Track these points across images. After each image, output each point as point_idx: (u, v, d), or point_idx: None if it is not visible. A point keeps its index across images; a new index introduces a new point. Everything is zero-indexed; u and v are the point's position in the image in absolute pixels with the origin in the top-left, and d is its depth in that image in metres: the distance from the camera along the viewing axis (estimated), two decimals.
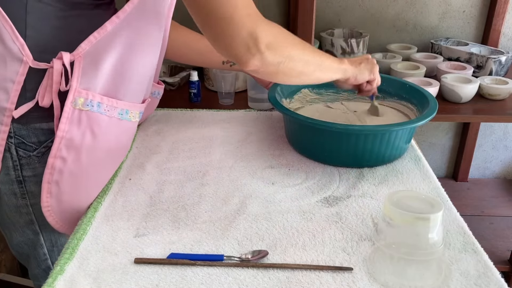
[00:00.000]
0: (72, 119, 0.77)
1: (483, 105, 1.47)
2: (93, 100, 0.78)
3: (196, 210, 0.82)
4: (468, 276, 0.66)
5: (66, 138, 0.78)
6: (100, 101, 0.79)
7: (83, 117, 0.78)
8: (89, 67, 0.77)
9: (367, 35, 1.70)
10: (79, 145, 0.79)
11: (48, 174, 0.79)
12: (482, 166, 2.08)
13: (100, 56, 0.76)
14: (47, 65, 0.76)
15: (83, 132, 0.79)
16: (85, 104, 0.77)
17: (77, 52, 0.76)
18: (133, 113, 0.86)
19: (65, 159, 0.79)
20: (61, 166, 0.79)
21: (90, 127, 0.79)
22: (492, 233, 1.75)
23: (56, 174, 0.79)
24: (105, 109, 0.80)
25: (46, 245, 0.91)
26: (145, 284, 0.66)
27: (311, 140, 0.95)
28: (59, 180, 0.80)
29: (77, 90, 0.76)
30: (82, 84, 0.77)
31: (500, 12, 1.71)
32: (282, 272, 0.68)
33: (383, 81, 1.10)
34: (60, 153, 0.78)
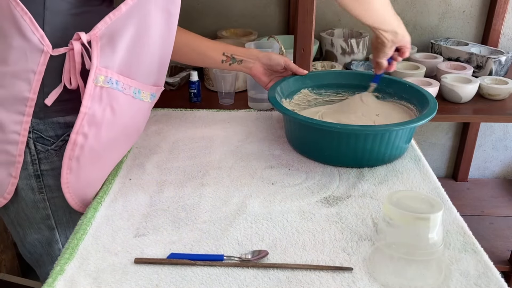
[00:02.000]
0: (94, 96, 0.80)
1: (483, 105, 1.47)
2: (112, 78, 0.81)
3: (196, 210, 0.82)
4: (468, 276, 0.66)
5: (89, 114, 0.81)
6: (118, 79, 0.82)
7: (104, 93, 0.81)
8: (106, 46, 0.80)
9: (367, 35, 1.70)
10: (100, 121, 0.82)
11: (70, 150, 0.82)
12: (482, 166, 2.08)
13: (115, 37, 0.80)
14: (67, 48, 0.79)
15: (104, 108, 0.82)
16: (105, 81, 0.80)
17: (94, 33, 0.78)
18: (144, 93, 0.89)
19: (86, 135, 0.82)
20: (83, 142, 0.82)
21: (110, 104, 0.83)
22: (492, 233, 1.75)
23: (77, 149, 0.82)
24: (122, 87, 0.83)
25: (61, 240, 0.93)
26: (145, 284, 0.66)
27: (311, 140, 0.95)
28: (80, 155, 0.83)
29: (98, 68, 0.79)
30: (102, 62, 0.80)
31: (500, 12, 1.71)
32: (282, 272, 0.68)
33: (383, 81, 1.10)
34: (82, 129, 0.81)
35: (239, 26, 1.83)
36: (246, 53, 1.08)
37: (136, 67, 0.85)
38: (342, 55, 1.68)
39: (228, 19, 1.84)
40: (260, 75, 1.09)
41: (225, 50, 1.07)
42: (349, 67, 1.60)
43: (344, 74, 1.16)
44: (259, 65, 1.08)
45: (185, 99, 1.46)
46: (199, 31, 1.06)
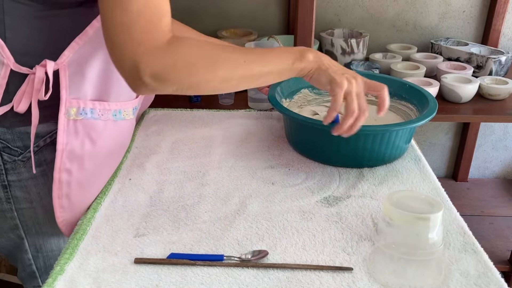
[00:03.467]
0: (68, 130, 0.77)
1: (483, 105, 1.47)
2: (85, 107, 0.77)
3: (196, 210, 0.82)
4: (468, 276, 0.66)
5: (67, 150, 0.77)
6: (92, 107, 0.78)
7: (79, 126, 0.78)
8: (75, 75, 0.75)
9: (367, 35, 1.70)
10: (80, 154, 0.79)
11: (57, 189, 0.79)
12: (482, 166, 2.08)
13: (85, 62, 0.75)
14: (29, 70, 0.74)
15: (82, 140, 0.79)
16: (78, 113, 0.77)
17: (61, 61, 0.74)
18: (126, 111, 0.86)
19: (70, 171, 0.79)
20: (68, 178, 0.79)
21: (88, 134, 0.79)
22: (492, 233, 1.75)
23: (64, 187, 0.79)
24: (99, 114, 0.80)
25: (31, 250, 0.89)
26: (145, 284, 0.66)
27: (311, 140, 0.95)
28: (69, 192, 0.80)
29: (68, 101, 0.75)
30: (72, 93, 0.76)
31: (500, 12, 1.71)
32: (282, 272, 0.68)
33: (383, 81, 1.10)
34: (64, 166, 0.78)
35: (239, 26, 1.83)
36: None
37: (112, 88, 0.81)
38: (342, 55, 1.68)
39: (228, 19, 1.84)
40: None
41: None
42: (349, 67, 1.60)
43: None
44: None
45: (185, 99, 1.45)
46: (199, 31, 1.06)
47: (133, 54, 0.62)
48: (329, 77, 0.78)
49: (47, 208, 0.84)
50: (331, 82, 0.77)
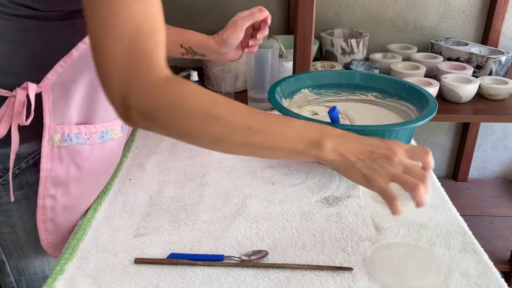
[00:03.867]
0: (52, 157, 0.74)
1: (483, 105, 1.47)
2: (70, 133, 0.74)
3: (196, 210, 0.82)
4: (468, 276, 0.66)
5: (51, 176, 0.75)
6: (78, 131, 0.75)
7: (63, 152, 0.74)
8: (59, 99, 0.72)
9: (367, 35, 1.70)
10: (65, 180, 0.76)
11: (41, 214, 0.77)
12: (482, 166, 2.08)
13: (70, 85, 0.71)
14: (9, 93, 0.70)
15: (67, 167, 0.76)
16: (62, 140, 0.74)
17: (44, 84, 0.70)
18: (114, 131, 0.82)
19: (54, 196, 0.76)
20: (53, 203, 0.77)
21: (73, 161, 0.76)
22: (492, 233, 1.75)
23: (49, 212, 0.77)
24: (85, 139, 0.76)
25: (13, 273, 0.87)
26: (145, 284, 0.66)
27: None
28: (54, 217, 0.78)
29: (51, 127, 0.72)
30: (56, 119, 0.72)
31: (500, 12, 1.71)
32: (282, 272, 0.68)
33: (383, 81, 1.10)
34: (48, 192, 0.75)
35: None
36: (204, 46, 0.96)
37: (98, 110, 0.77)
38: (342, 55, 1.68)
39: (228, 18, 1.83)
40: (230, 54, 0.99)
41: (182, 42, 0.95)
42: (349, 67, 1.60)
43: (344, 74, 1.16)
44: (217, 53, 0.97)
45: None
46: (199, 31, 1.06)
47: (123, 88, 0.56)
48: (361, 175, 0.60)
49: (30, 231, 0.81)
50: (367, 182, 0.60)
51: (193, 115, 0.57)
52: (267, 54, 1.22)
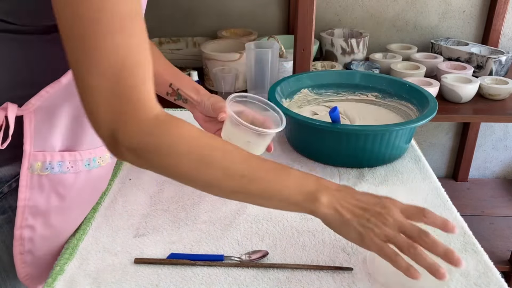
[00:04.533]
0: (32, 186, 0.68)
1: (483, 105, 1.47)
2: (52, 161, 0.68)
3: (196, 210, 0.82)
4: (468, 276, 0.66)
5: (29, 206, 0.68)
6: (61, 159, 0.69)
7: (44, 181, 0.68)
8: (42, 125, 0.65)
9: (367, 35, 1.70)
10: (45, 209, 0.70)
11: (19, 245, 0.71)
12: (482, 166, 2.08)
13: (55, 111, 0.65)
14: None
15: (47, 196, 0.69)
16: (43, 168, 0.67)
17: (27, 107, 0.63)
18: (102, 157, 0.75)
19: (33, 227, 0.70)
20: (31, 234, 0.71)
21: (55, 190, 0.70)
22: (492, 233, 1.75)
23: (27, 244, 0.71)
24: (68, 167, 0.70)
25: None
26: (145, 284, 0.66)
27: (311, 140, 0.95)
28: (32, 248, 0.72)
29: (32, 154, 0.66)
30: (37, 146, 0.66)
31: (500, 12, 1.71)
32: (282, 272, 0.68)
33: (383, 81, 1.10)
34: (26, 222, 0.69)
35: (239, 26, 1.83)
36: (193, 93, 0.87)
37: (85, 136, 0.70)
38: (342, 55, 1.68)
39: (228, 19, 1.84)
40: (201, 122, 0.90)
41: (173, 81, 0.88)
42: (349, 67, 1.60)
43: (344, 74, 1.16)
44: (199, 111, 0.89)
45: None
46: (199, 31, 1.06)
47: (111, 125, 0.53)
48: (356, 233, 0.59)
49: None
50: (362, 241, 0.59)
51: (186, 158, 0.56)
52: (267, 54, 1.22)
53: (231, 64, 1.46)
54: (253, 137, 0.79)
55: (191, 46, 1.79)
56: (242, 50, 1.47)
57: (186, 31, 1.84)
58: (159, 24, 1.82)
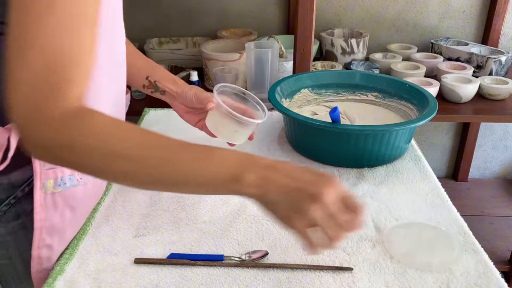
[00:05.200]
0: (46, 205, 0.69)
1: (483, 105, 1.47)
2: (63, 177, 0.69)
3: (196, 210, 0.82)
4: (468, 276, 0.66)
5: (47, 226, 0.70)
6: (71, 173, 0.70)
7: (58, 198, 0.70)
8: None
9: (367, 35, 1.70)
10: (61, 227, 0.72)
11: (36, 264, 0.72)
12: (482, 166, 2.08)
13: None
14: None
15: (62, 212, 0.71)
16: (56, 185, 0.69)
17: None
18: None
19: (50, 246, 0.72)
20: (49, 253, 0.72)
21: (68, 205, 0.72)
22: (492, 233, 1.75)
23: (45, 263, 0.72)
24: (78, 180, 0.72)
25: None
26: (145, 284, 0.66)
27: (311, 140, 0.95)
28: (49, 266, 0.73)
29: (43, 173, 0.67)
30: (47, 164, 0.67)
31: (500, 12, 1.71)
32: (282, 272, 0.68)
33: (383, 81, 1.10)
34: (44, 242, 0.71)
35: (239, 26, 1.83)
36: (171, 84, 0.88)
37: None
38: (342, 55, 1.68)
39: (228, 19, 1.84)
40: (181, 113, 0.90)
41: (150, 74, 0.88)
42: (349, 67, 1.60)
43: (344, 74, 1.16)
44: (179, 102, 0.89)
45: None
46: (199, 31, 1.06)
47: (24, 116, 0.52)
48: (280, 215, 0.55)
49: (28, 260, 0.75)
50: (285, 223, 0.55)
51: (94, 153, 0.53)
52: (267, 54, 1.22)
53: (231, 64, 1.46)
54: (240, 126, 0.80)
55: (191, 46, 1.79)
56: (242, 50, 1.47)
57: (186, 31, 1.84)
58: (159, 24, 1.82)
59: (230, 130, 0.80)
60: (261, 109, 0.85)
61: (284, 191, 0.54)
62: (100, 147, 0.53)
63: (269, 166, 0.55)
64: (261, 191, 0.54)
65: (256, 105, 0.86)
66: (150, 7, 1.81)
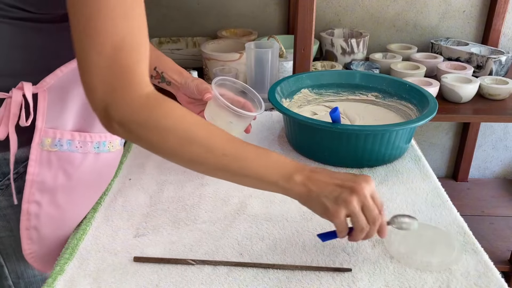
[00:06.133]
0: (41, 161, 0.71)
1: (483, 105, 1.47)
2: (61, 139, 0.72)
3: (196, 210, 0.82)
4: (468, 276, 0.66)
5: (37, 181, 0.72)
6: (71, 138, 0.73)
7: (53, 158, 0.72)
8: (55, 102, 0.70)
9: (367, 35, 1.70)
10: (52, 187, 0.73)
11: (25, 220, 0.74)
12: (482, 166, 2.08)
13: (68, 90, 0.70)
14: (5, 94, 0.68)
15: (55, 173, 0.73)
16: (53, 144, 0.71)
17: (41, 86, 0.68)
18: (112, 143, 0.79)
19: (39, 203, 0.73)
20: (37, 210, 0.74)
21: (62, 168, 0.73)
22: (492, 233, 1.75)
23: (33, 219, 0.74)
24: (77, 146, 0.74)
25: (11, 277, 0.85)
26: (145, 284, 0.66)
27: (311, 140, 0.95)
28: (37, 224, 0.75)
29: (43, 130, 0.70)
30: (49, 122, 0.70)
31: (500, 12, 1.71)
32: (282, 272, 0.68)
33: (383, 81, 1.10)
34: (33, 197, 0.72)
35: (239, 26, 1.83)
36: (176, 76, 0.92)
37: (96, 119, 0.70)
38: (342, 55, 1.68)
39: (228, 19, 1.84)
40: (184, 103, 0.94)
41: (157, 65, 0.92)
42: (349, 67, 1.60)
43: (344, 74, 1.16)
44: (182, 93, 0.93)
45: None
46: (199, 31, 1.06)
47: (104, 101, 0.58)
48: (322, 206, 0.63)
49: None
50: (325, 212, 0.63)
51: (172, 134, 0.60)
52: (267, 54, 1.22)
53: (231, 64, 1.46)
54: (235, 118, 0.83)
55: (191, 46, 1.79)
56: (242, 50, 1.47)
57: (186, 31, 1.84)
58: (159, 24, 1.82)
59: (225, 121, 0.83)
60: (258, 103, 0.88)
61: (326, 188, 0.62)
62: (175, 129, 0.60)
63: (312, 169, 0.64)
64: (306, 189, 0.63)
65: (254, 100, 0.89)
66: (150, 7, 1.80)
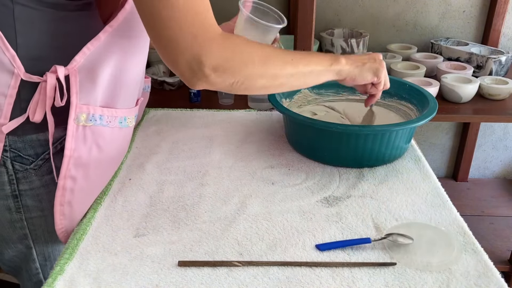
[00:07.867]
0: (77, 136, 0.75)
1: (483, 105, 1.47)
2: (95, 114, 0.76)
3: (196, 210, 0.82)
4: (468, 276, 0.66)
5: (75, 156, 0.76)
6: (101, 113, 0.77)
7: (88, 132, 0.76)
8: (86, 80, 0.74)
9: (367, 35, 1.70)
10: (87, 161, 0.78)
11: (60, 196, 0.77)
12: (482, 166, 2.08)
13: (96, 68, 0.74)
14: (40, 78, 0.71)
15: (90, 147, 0.77)
16: (88, 119, 0.75)
17: (72, 66, 0.72)
18: (129, 118, 0.85)
19: (75, 178, 0.77)
20: (72, 185, 0.77)
21: (96, 141, 0.78)
22: (492, 233, 1.75)
23: (68, 194, 0.77)
24: (107, 121, 0.79)
25: (39, 259, 0.88)
26: (145, 284, 0.66)
27: (311, 140, 0.95)
28: (71, 199, 0.78)
29: (78, 106, 0.74)
30: (82, 99, 0.74)
31: (500, 12, 1.71)
32: (282, 272, 0.68)
33: None
34: (69, 173, 0.76)
35: None
36: None
37: (121, 95, 0.80)
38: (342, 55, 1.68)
39: (228, 19, 1.83)
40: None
41: None
42: None
43: None
44: None
45: (185, 99, 1.46)
46: None
47: (191, 47, 0.64)
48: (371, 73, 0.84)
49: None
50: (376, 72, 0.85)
51: (254, 59, 0.70)
52: None
53: None
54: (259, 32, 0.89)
55: None
56: None
57: None
58: None
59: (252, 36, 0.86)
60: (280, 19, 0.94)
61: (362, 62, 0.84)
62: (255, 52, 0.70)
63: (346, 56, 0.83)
64: (354, 64, 0.82)
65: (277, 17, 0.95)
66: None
